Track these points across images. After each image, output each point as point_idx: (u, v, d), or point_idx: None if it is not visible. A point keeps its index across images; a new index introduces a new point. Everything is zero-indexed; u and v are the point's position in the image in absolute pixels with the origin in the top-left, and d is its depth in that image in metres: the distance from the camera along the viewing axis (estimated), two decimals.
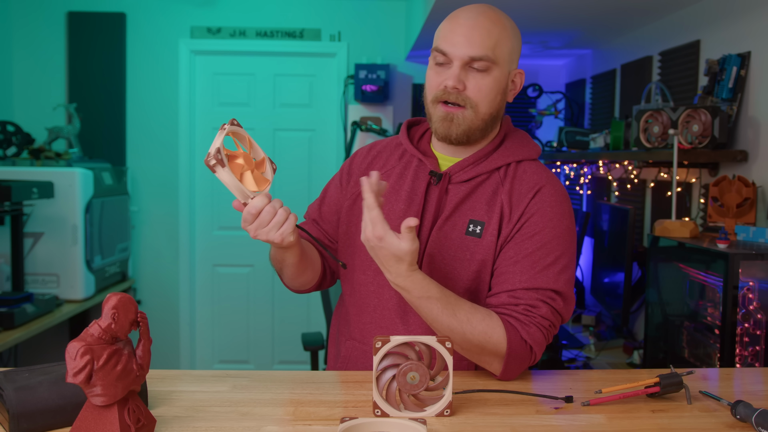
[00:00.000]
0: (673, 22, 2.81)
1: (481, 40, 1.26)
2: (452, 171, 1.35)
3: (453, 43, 1.27)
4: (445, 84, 1.28)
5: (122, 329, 0.93)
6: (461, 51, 1.27)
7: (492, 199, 1.32)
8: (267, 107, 4.24)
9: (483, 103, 1.29)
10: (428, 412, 1.08)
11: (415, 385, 1.07)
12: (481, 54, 1.26)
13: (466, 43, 1.26)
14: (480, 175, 1.34)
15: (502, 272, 1.28)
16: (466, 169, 1.34)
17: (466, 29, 1.27)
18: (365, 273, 1.37)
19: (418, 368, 1.07)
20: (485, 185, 1.34)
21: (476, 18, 1.28)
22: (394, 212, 1.35)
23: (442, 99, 1.30)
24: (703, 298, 1.95)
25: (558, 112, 3.92)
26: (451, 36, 1.28)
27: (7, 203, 2.80)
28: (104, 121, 4.08)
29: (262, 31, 4.14)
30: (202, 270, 4.26)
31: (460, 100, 1.28)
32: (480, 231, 1.30)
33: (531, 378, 1.31)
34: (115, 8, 4.06)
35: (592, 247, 3.33)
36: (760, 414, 1.03)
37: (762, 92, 2.16)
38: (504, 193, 1.32)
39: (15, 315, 2.64)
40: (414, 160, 1.40)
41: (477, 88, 1.28)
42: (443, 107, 1.30)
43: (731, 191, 2.08)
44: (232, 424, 1.04)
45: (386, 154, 1.45)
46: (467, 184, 1.34)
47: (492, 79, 1.29)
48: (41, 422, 1.00)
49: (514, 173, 1.34)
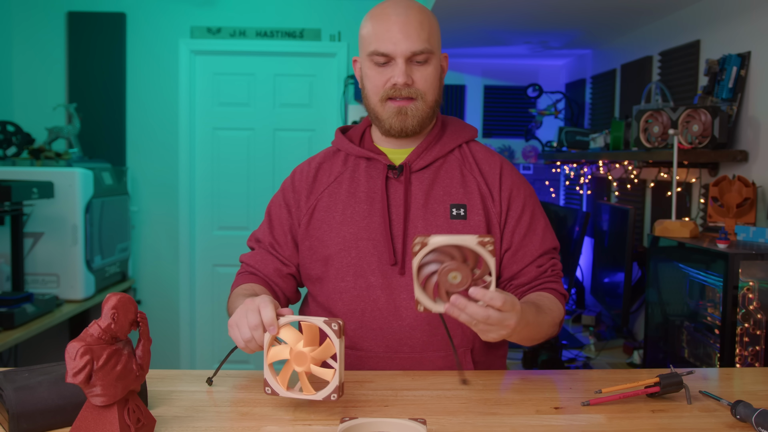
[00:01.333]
0: (673, 22, 2.81)
1: (417, 34, 1.30)
2: (410, 160, 1.38)
3: (393, 42, 1.30)
4: (395, 82, 1.31)
5: (122, 329, 0.93)
6: (403, 48, 1.30)
7: (463, 180, 1.38)
8: (267, 107, 4.24)
9: (430, 92, 1.34)
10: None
11: (455, 285, 1.06)
12: (422, 47, 1.31)
13: (405, 39, 1.30)
14: (437, 160, 1.39)
15: (518, 248, 1.37)
16: (422, 155, 1.39)
17: (401, 26, 1.30)
18: (344, 280, 1.36)
19: (462, 269, 1.06)
20: (446, 168, 1.39)
21: (406, 13, 1.31)
22: (357, 213, 1.36)
23: (391, 96, 1.33)
24: (703, 298, 1.95)
25: (558, 112, 3.92)
26: (388, 35, 1.30)
27: (7, 203, 2.80)
28: (104, 121, 4.08)
29: (262, 31, 4.14)
30: (202, 270, 4.26)
31: (410, 93, 1.33)
32: (464, 213, 1.35)
33: (531, 378, 1.31)
34: (115, 8, 4.06)
35: (592, 247, 3.33)
36: (760, 414, 1.03)
37: (762, 92, 2.16)
38: (475, 174, 1.39)
39: (15, 315, 2.63)
40: (361, 162, 1.41)
41: (423, 79, 1.33)
42: (394, 103, 1.34)
43: (731, 191, 2.08)
44: (232, 424, 1.04)
45: (328, 164, 1.44)
46: (428, 171, 1.38)
47: (433, 68, 1.34)
48: (41, 422, 1.00)
49: (469, 153, 1.42)
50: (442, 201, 1.36)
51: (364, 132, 1.46)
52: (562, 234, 3.29)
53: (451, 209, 1.35)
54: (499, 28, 3.21)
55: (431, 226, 1.34)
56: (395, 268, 1.33)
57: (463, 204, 1.36)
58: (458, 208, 1.35)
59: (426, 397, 1.17)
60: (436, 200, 1.36)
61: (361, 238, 1.35)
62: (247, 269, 1.44)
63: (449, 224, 1.34)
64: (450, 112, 4.27)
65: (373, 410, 1.11)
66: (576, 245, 3.05)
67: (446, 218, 1.34)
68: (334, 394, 1.05)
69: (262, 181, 4.24)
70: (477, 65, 4.29)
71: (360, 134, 1.46)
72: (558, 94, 4.09)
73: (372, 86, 1.35)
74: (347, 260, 1.35)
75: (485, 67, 4.30)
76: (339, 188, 1.39)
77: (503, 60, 4.23)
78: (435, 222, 1.34)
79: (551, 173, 4.29)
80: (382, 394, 1.18)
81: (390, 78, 1.32)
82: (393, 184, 1.37)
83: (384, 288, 1.33)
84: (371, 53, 1.32)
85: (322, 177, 1.43)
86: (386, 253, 1.33)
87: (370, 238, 1.34)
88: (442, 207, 1.35)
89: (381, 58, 1.32)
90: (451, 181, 1.38)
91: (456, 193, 1.37)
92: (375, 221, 1.35)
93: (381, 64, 1.32)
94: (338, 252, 1.35)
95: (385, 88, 1.33)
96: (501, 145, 4.26)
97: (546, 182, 4.30)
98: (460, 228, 1.34)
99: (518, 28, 3.20)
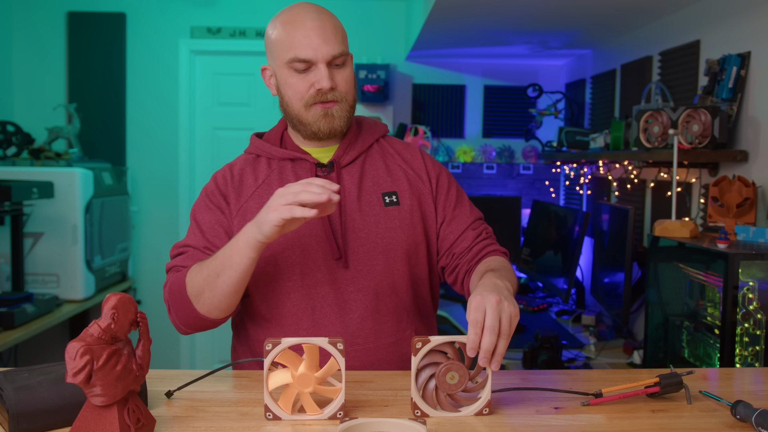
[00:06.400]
0: (673, 22, 2.81)
1: (334, 37, 1.34)
2: (337, 156, 1.42)
3: (313, 48, 1.32)
4: (320, 87, 1.33)
5: (122, 329, 0.93)
6: (323, 52, 1.33)
7: (388, 170, 1.44)
8: (267, 107, 4.24)
9: (350, 93, 1.39)
10: (465, 412, 1.08)
11: (454, 384, 1.07)
12: (340, 50, 1.35)
13: (325, 43, 1.33)
14: (361, 154, 1.44)
15: (452, 218, 1.45)
16: (347, 151, 1.43)
17: (318, 31, 1.33)
18: (291, 279, 1.36)
19: (458, 368, 1.07)
20: (370, 162, 1.44)
21: (320, 17, 1.35)
22: None
23: (316, 101, 1.35)
24: (703, 298, 1.95)
25: (558, 112, 3.92)
26: (307, 41, 1.32)
27: (7, 203, 2.80)
28: (104, 121, 4.07)
29: (262, 31, 4.14)
30: None
31: (334, 96, 1.35)
32: (396, 199, 1.41)
33: (531, 378, 1.31)
34: (115, 8, 4.06)
35: (592, 247, 3.33)
36: (760, 414, 1.03)
37: (762, 92, 2.16)
38: (398, 162, 1.46)
39: (15, 315, 2.64)
40: (286, 163, 1.42)
41: (344, 81, 1.37)
42: (320, 106, 1.36)
43: (731, 191, 2.08)
44: (232, 424, 1.04)
45: (251, 169, 1.43)
46: (355, 165, 1.43)
47: (350, 69, 1.39)
48: (41, 422, 1.00)
49: (387, 146, 1.49)
50: (374, 191, 1.41)
51: (282, 135, 1.48)
52: (562, 234, 3.29)
53: (383, 197, 1.40)
54: (499, 28, 3.21)
55: (368, 216, 1.38)
56: (339, 262, 1.36)
57: (394, 191, 1.42)
58: (390, 195, 1.41)
59: None
60: (368, 191, 1.41)
61: (303, 235, 1.35)
62: (183, 269, 1.34)
63: (385, 212, 1.39)
64: (450, 112, 4.27)
65: (373, 410, 1.11)
66: (576, 245, 3.05)
67: (381, 206, 1.39)
68: (340, 412, 1.06)
69: None
70: (477, 65, 4.29)
71: (279, 137, 1.47)
72: (558, 94, 4.09)
73: (294, 93, 1.36)
74: (292, 258, 1.35)
75: (485, 67, 4.30)
76: (269, 189, 1.37)
77: (503, 60, 4.23)
78: (371, 212, 1.38)
79: (551, 173, 4.28)
80: (382, 394, 1.18)
81: (313, 83, 1.34)
82: None
83: (331, 283, 1.35)
84: (291, 60, 1.33)
85: (247, 181, 1.41)
86: (329, 248, 1.35)
87: (312, 235, 1.36)
88: (375, 197, 1.40)
89: (301, 64, 1.33)
90: (378, 172, 1.43)
91: (384, 182, 1.42)
92: (314, 218, 1.35)
93: (301, 70, 1.34)
94: (282, 251, 1.35)
95: (310, 94, 1.35)
96: (501, 145, 4.26)
97: (546, 182, 4.30)
98: (395, 213, 1.39)
99: (518, 28, 3.19)
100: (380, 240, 1.37)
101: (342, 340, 1.06)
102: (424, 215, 1.44)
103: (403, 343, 1.39)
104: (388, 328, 1.38)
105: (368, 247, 1.37)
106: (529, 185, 4.33)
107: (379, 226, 1.38)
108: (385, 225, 1.38)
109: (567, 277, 3.09)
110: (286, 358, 1.06)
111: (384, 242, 1.38)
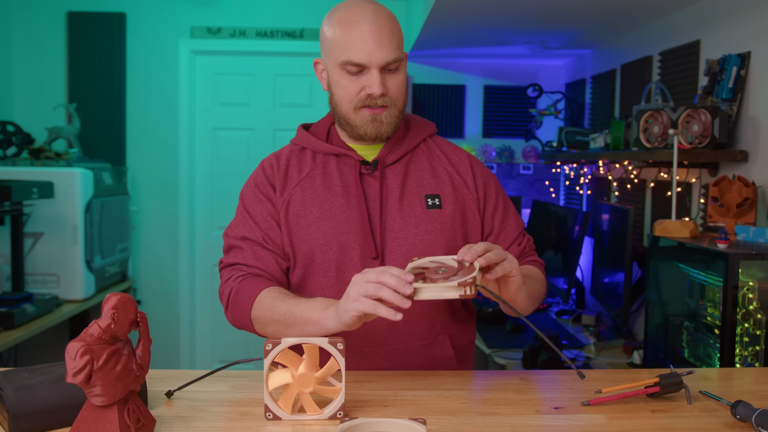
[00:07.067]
0: (673, 22, 2.81)
1: (389, 43, 1.31)
2: (382, 155, 1.40)
3: (367, 53, 1.30)
4: (370, 92, 1.32)
5: (122, 329, 0.93)
6: (377, 58, 1.30)
7: (433, 171, 1.42)
8: (267, 107, 4.24)
9: (401, 99, 1.37)
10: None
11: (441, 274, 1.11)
12: (395, 56, 1.32)
13: (379, 49, 1.30)
14: (406, 154, 1.43)
15: (500, 231, 1.45)
16: (393, 150, 1.42)
17: (375, 35, 1.30)
18: (326, 275, 1.36)
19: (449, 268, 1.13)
20: (416, 162, 1.43)
21: (377, 21, 1.31)
22: (335, 207, 1.37)
23: (365, 105, 1.34)
24: (703, 298, 1.95)
25: (558, 112, 3.92)
26: (362, 45, 1.30)
27: (7, 203, 2.80)
28: (104, 121, 4.08)
29: (262, 31, 4.14)
30: (202, 270, 4.26)
31: (384, 102, 1.34)
32: (439, 202, 1.40)
33: (531, 378, 1.31)
34: (115, 8, 4.06)
35: (592, 247, 3.33)
36: (760, 414, 1.03)
37: (762, 92, 2.16)
38: (444, 164, 1.44)
39: (15, 315, 2.63)
40: (331, 158, 1.42)
41: (396, 86, 1.35)
42: (368, 111, 1.35)
43: (731, 191, 2.08)
44: (232, 424, 1.04)
45: (296, 160, 1.43)
46: (399, 165, 1.41)
47: (403, 74, 1.36)
48: (41, 422, 1.00)
49: (435, 146, 1.47)
50: (417, 192, 1.39)
51: (330, 129, 1.46)
52: (563, 234, 3.29)
53: (426, 200, 1.39)
54: (499, 28, 3.21)
55: (408, 218, 1.37)
56: (376, 261, 1.35)
57: (437, 194, 1.40)
58: (432, 198, 1.40)
59: (426, 397, 1.17)
60: (411, 192, 1.39)
61: (342, 232, 1.35)
62: (248, 271, 1.36)
63: (426, 214, 1.38)
64: (450, 112, 4.27)
65: (373, 410, 1.11)
66: (576, 245, 3.05)
67: (423, 208, 1.38)
68: (340, 412, 1.06)
69: None
70: (477, 65, 4.29)
71: (326, 131, 1.45)
72: (558, 94, 4.09)
73: (344, 94, 1.35)
74: (329, 255, 1.35)
75: (485, 67, 4.30)
76: (313, 183, 1.39)
77: (503, 60, 4.23)
78: (412, 213, 1.37)
79: (551, 173, 4.29)
80: (382, 394, 1.18)
81: (364, 87, 1.32)
82: (366, 179, 1.39)
83: None
84: (344, 63, 1.31)
85: (292, 172, 1.41)
86: (367, 246, 1.35)
87: (350, 232, 1.35)
88: (418, 198, 1.39)
89: (354, 67, 1.31)
90: (422, 173, 1.42)
91: (428, 183, 1.41)
92: (353, 215, 1.36)
93: (354, 73, 1.32)
94: (320, 246, 1.35)
95: (360, 97, 1.33)
96: (501, 145, 4.26)
97: (546, 182, 4.30)
98: (437, 217, 1.38)
99: (518, 28, 3.20)
100: (419, 242, 1.36)
101: (342, 340, 1.06)
102: (465, 221, 1.42)
103: (436, 347, 1.38)
104: (419, 331, 1.37)
105: (406, 248, 1.36)
106: (529, 185, 4.33)
107: (419, 228, 1.36)
108: (425, 228, 1.37)
109: (567, 277, 3.09)
110: (286, 358, 1.06)
111: (422, 244, 1.36)
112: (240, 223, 1.41)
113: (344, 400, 1.07)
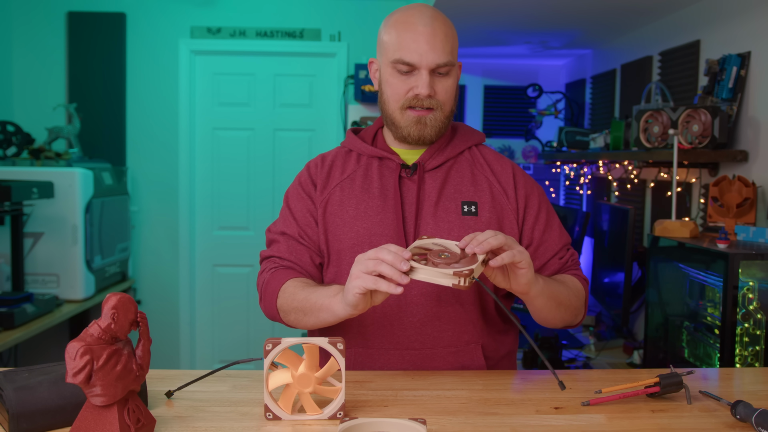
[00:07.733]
0: (673, 22, 2.81)
1: (442, 46, 1.32)
2: (423, 160, 1.41)
3: (419, 53, 1.31)
4: (418, 93, 1.33)
5: (122, 329, 0.93)
6: (428, 59, 1.31)
7: (474, 179, 1.41)
8: (267, 107, 4.24)
9: (448, 103, 1.37)
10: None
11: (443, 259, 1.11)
12: (446, 60, 1.32)
13: (431, 51, 1.31)
14: (448, 160, 1.42)
15: (540, 244, 1.42)
16: (435, 155, 1.41)
17: (428, 37, 1.31)
18: None
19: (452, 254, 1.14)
20: (457, 168, 1.42)
21: (432, 24, 1.32)
22: (371, 209, 1.38)
23: (411, 105, 1.35)
24: (703, 298, 1.95)
25: (558, 112, 3.92)
26: (415, 45, 1.31)
27: (7, 203, 2.80)
28: (104, 121, 4.08)
29: (262, 31, 4.14)
30: (202, 270, 4.26)
31: (431, 104, 1.34)
32: (475, 210, 1.38)
33: (531, 378, 1.31)
34: (115, 8, 4.06)
35: (592, 247, 3.33)
36: (760, 414, 1.03)
37: (762, 92, 2.16)
38: (486, 173, 1.43)
39: (15, 315, 2.63)
40: (374, 161, 1.43)
41: (444, 90, 1.35)
42: (414, 112, 1.36)
43: (731, 191, 2.08)
44: (232, 424, 1.04)
45: (341, 162, 1.46)
46: (440, 170, 1.41)
47: (453, 79, 1.36)
48: (41, 422, 1.00)
49: (479, 155, 1.46)
50: (454, 199, 1.39)
51: (376, 133, 1.48)
52: None
53: (462, 206, 1.38)
54: (499, 28, 3.21)
55: (442, 223, 1.36)
56: None
57: (474, 201, 1.39)
58: (469, 205, 1.38)
59: (426, 397, 1.17)
60: (448, 198, 1.39)
61: (375, 234, 1.36)
62: (281, 264, 1.40)
63: (461, 220, 1.37)
64: None
65: (373, 410, 1.11)
66: (576, 245, 3.05)
67: (458, 215, 1.37)
68: (340, 412, 1.06)
69: (262, 182, 4.24)
70: (477, 65, 4.29)
71: (372, 135, 1.48)
72: (558, 94, 4.09)
73: (393, 93, 1.36)
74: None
75: (485, 67, 4.30)
76: (352, 184, 1.41)
77: (503, 60, 4.23)
78: (446, 218, 1.37)
79: (551, 173, 4.29)
80: (382, 394, 1.18)
81: (412, 87, 1.33)
82: (405, 183, 1.40)
83: None
84: (395, 61, 1.33)
85: (335, 173, 1.44)
86: None
87: (383, 234, 1.36)
88: (454, 204, 1.38)
89: (405, 66, 1.33)
90: (462, 180, 1.41)
91: (467, 190, 1.40)
92: (388, 217, 1.37)
93: (404, 72, 1.33)
94: (351, 246, 1.37)
95: (407, 97, 1.35)
96: (501, 145, 4.26)
97: (546, 182, 4.30)
98: (471, 224, 1.37)
99: (518, 28, 3.20)
100: None
101: (342, 339, 1.06)
102: (501, 231, 1.39)
103: (465, 356, 1.37)
104: (448, 337, 1.36)
105: None
106: None
107: (452, 234, 1.35)
108: (458, 233, 1.35)
109: None
110: (286, 358, 1.06)
111: None
112: (281, 219, 1.46)
113: (344, 400, 1.07)
